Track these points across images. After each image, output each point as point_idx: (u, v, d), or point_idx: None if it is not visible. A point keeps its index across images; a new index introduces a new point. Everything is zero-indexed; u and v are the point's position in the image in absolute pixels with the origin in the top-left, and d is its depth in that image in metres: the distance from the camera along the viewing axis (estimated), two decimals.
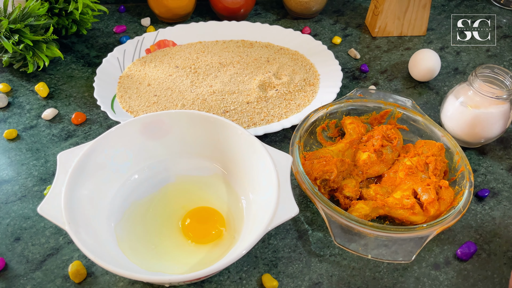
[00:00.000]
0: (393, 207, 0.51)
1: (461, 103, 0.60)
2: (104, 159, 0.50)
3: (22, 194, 0.55)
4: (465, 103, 0.60)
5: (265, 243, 0.51)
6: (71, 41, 0.79)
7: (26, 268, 0.48)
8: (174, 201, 0.52)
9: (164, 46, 0.76)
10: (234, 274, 0.48)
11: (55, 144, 0.61)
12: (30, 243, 0.50)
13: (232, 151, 0.53)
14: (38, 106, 0.66)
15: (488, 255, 0.51)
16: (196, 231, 0.49)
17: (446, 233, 0.53)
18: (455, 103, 0.61)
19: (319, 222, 0.54)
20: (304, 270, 0.49)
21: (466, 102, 0.60)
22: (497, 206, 0.56)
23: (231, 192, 0.54)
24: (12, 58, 0.68)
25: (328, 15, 0.89)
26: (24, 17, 0.66)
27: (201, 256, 0.47)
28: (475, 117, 0.59)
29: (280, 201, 0.45)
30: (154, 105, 0.65)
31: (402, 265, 0.50)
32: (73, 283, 0.47)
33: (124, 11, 0.86)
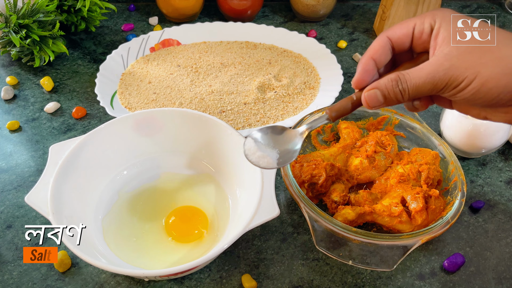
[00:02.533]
0: (381, 214, 0.51)
1: (460, 113, 0.59)
2: (95, 153, 0.51)
3: (18, 184, 0.56)
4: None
5: (249, 243, 0.51)
6: (80, 37, 0.81)
7: (15, 255, 0.49)
8: (162, 198, 0.53)
9: (168, 45, 0.77)
10: (215, 272, 0.49)
11: (54, 136, 0.63)
12: (20, 231, 0.52)
13: (221, 150, 0.54)
14: (42, 100, 0.68)
15: (477, 268, 0.50)
16: (178, 230, 0.49)
17: (435, 244, 0.52)
18: (454, 112, 0.60)
19: (305, 226, 0.53)
20: (285, 273, 0.49)
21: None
22: (492, 219, 0.55)
23: (219, 191, 0.54)
24: (20, 52, 0.70)
25: (336, 19, 0.89)
26: (33, 13, 0.68)
27: (182, 254, 0.48)
28: (474, 127, 0.58)
29: (262, 202, 0.45)
30: (152, 103, 0.66)
31: (386, 273, 0.49)
32: (57, 272, 0.48)
33: (134, 9, 0.88)
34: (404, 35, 0.36)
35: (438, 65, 0.32)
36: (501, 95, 0.31)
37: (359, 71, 0.37)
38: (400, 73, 0.34)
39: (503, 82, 0.30)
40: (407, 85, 0.34)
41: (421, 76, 0.33)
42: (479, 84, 0.31)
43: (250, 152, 0.43)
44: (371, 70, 0.37)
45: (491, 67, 0.31)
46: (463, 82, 0.32)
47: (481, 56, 0.31)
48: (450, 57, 0.32)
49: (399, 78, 0.34)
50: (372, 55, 0.37)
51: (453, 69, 0.32)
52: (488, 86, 0.31)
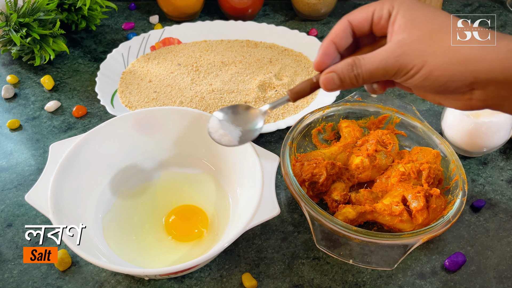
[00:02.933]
0: (381, 213, 0.51)
1: (461, 112, 0.59)
2: (95, 152, 0.51)
3: (18, 182, 0.56)
4: (466, 111, 0.58)
5: (249, 242, 0.51)
6: (81, 36, 0.81)
7: (15, 254, 0.49)
8: (163, 196, 0.53)
9: (169, 44, 0.77)
10: (215, 271, 0.48)
11: (55, 135, 0.63)
12: (21, 229, 0.52)
13: (222, 149, 0.53)
14: (43, 98, 0.68)
15: (478, 267, 0.50)
16: (178, 228, 0.49)
17: (436, 243, 0.52)
18: (455, 111, 0.59)
19: (305, 225, 0.53)
20: (286, 272, 0.49)
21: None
22: (493, 218, 0.55)
23: (219, 189, 0.54)
24: (20, 51, 0.70)
25: (337, 17, 0.89)
26: (34, 12, 0.68)
27: (182, 253, 0.48)
28: (476, 126, 0.58)
29: (262, 201, 0.45)
30: (153, 101, 0.66)
31: (387, 273, 0.49)
32: (57, 270, 0.48)
33: (135, 8, 0.88)
34: (364, 20, 0.37)
35: (390, 52, 0.33)
36: (448, 83, 0.32)
37: (319, 54, 0.38)
38: (356, 58, 0.35)
39: (449, 71, 0.31)
40: (362, 70, 0.35)
41: (374, 62, 0.34)
42: (427, 72, 0.32)
43: (213, 130, 0.44)
44: (331, 53, 0.38)
45: (439, 56, 0.32)
46: (412, 70, 0.33)
47: (431, 45, 0.32)
48: (402, 44, 0.33)
49: (354, 63, 0.35)
50: (333, 38, 0.37)
51: (404, 56, 0.33)
52: (435, 74, 0.32)
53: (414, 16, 0.33)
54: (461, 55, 0.32)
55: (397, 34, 0.34)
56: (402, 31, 0.33)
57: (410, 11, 0.34)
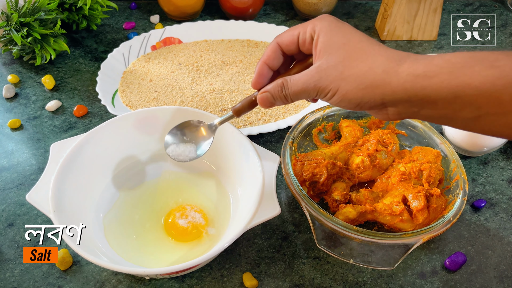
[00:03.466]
0: (382, 213, 0.51)
1: None
2: (96, 151, 0.51)
3: (19, 182, 0.57)
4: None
5: (250, 242, 0.51)
6: (81, 35, 0.81)
7: (16, 253, 0.49)
8: (163, 196, 0.53)
9: (169, 43, 0.77)
10: (216, 271, 0.49)
11: (56, 135, 0.63)
12: (22, 229, 0.52)
13: (222, 149, 0.54)
14: (43, 98, 0.68)
15: (478, 267, 0.50)
16: (177, 229, 0.49)
17: (436, 242, 0.52)
18: None
19: (306, 224, 0.53)
20: (286, 271, 0.49)
21: None
22: (493, 217, 0.55)
23: (220, 189, 0.54)
24: (21, 51, 0.70)
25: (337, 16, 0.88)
26: (34, 11, 0.68)
27: (183, 252, 0.48)
28: None
29: (263, 201, 0.45)
30: (153, 101, 0.66)
31: (387, 272, 0.49)
32: (58, 270, 0.48)
33: (135, 8, 0.88)
34: (291, 42, 0.40)
35: (310, 77, 0.37)
36: (361, 103, 0.36)
37: (255, 75, 0.42)
38: (284, 80, 0.39)
39: (360, 94, 0.36)
40: (289, 91, 0.39)
41: (298, 84, 0.38)
42: (341, 96, 0.37)
43: (170, 149, 0.49)
44: (265, 73, 0.42)
45: (350, 82, 0.36)
46: (329, 93, 0.37)
47: (343, 72, 0.36)
48: (319, 70, 0.37)
49: (283, 85, 0.39)
50: (265, 60, 0.42)
51: (321, 81, 0.37)
52: (348, 97, 0.36)
53: (332, 42, 0.37)
54: (369, 80, 0.35)
55: (317, 58, 0.38)
56: (321, 56, 0.37)
57: (328, 36, 0.37)
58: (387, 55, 0.35)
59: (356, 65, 0.35)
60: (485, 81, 0.31)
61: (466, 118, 0.34)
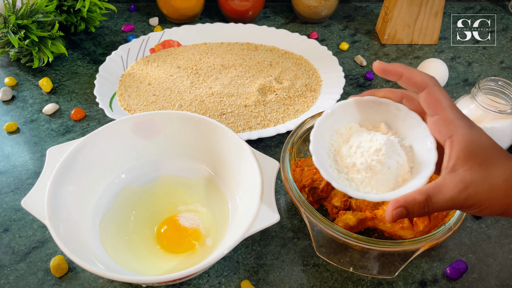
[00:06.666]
0: (382, 219, 0.50)
1: None
2: (93, 156, 0.50)
3: (15, 187, 0.56)
4: (467, 116, 0.58)
5: (249, 248, 0.50)
6: (80, 38, 0.80)
7: (11, 259, 0.49)
8: (161, 202, 0.53)
9: (168, 46, 0.77)
10: (214, 278, 0.48)
11: (53, 138, 0.62)
12: (17, 235, 0.51)
13: (221, 154, 0.53)
14: (41, 101, 0.67)
15: (479, 275, 0.49)
16: (169, 239, 0.48)
17: (437, 250, 0.51)
18: None
19: (305, 231, 0.53)
20: (285, 279, 0.48)
21: (468, 115, 0.57)
22: (495, 224, 0.54)
23: (218, 195, 0.53)
24: (19, 53, 0.70)
25: (337, 20, 0.88)
26: (32, 13, 0.67)
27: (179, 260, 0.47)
28: None
29: (262, 207, 0.44)
30: (152, 105, 0.65)
31: (387, 280, 0.48)
32: (54, 277, 0.47)
33: (134, 10, 0.87)
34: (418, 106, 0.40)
35: (457, 193, 0.35)
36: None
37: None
38: (428, 197, 0.36)
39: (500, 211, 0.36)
40: (433, 209, 0.36)
41: (446, 201, 0.35)
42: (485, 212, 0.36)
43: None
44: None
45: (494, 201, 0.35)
46: (472, 209, 0.36)
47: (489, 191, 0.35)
48: (466, 185, 0.35)
49: (426, 203, 0.36)
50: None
51: (469, 199, 0.35)
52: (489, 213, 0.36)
53: (472, 152, 0.35)
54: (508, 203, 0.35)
55: (457, 164, 0.35)
56: (461, 164, 0.35)
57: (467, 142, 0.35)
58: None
59: (498, 183, 0.35)
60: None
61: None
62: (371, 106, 0.41)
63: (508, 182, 0.35)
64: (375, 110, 0.41)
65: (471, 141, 0.35)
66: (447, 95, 0.37)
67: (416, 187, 0.37)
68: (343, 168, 0.40)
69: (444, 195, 0.35)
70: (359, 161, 0.39)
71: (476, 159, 0.35)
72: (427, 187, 0.36)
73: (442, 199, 0.35)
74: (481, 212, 0.36)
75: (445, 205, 0.35)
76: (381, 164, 0.38)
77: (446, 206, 0.35)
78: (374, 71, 0.39)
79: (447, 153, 0.36)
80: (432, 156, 0.38)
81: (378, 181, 0.38)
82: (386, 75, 0.39)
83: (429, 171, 0.37)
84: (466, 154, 0.35)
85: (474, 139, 0.35)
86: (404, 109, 0.40)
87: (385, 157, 0.38)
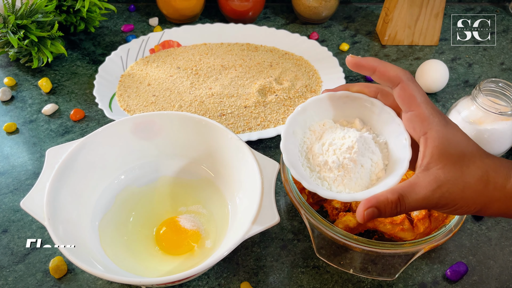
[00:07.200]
0: (382, 221, 0.50)
1: (463, 118, 0.58)
2: (92, 157, 0.50)
3: (14, 187, 0.56)
4: (468, 118, 0.58)
5: (248, 250, 0.50)
6: (79, 38, 0.80)
7: (10, 260, 0.49)
8: (160, 203, 0.52)
9: (168, 47, 0.77)
10: (213, 280, 0.48)
11: (52, 139, 0.62)
12: (16, 235, 0.51)
13: (221, 155, 0.53)
14: (40, 101, 0.67)
15: (480, 277, 0.49)
16: (168, 241, 0.48)
17: (438, 252, 0.51)
18: (458, 117, 0.59)
19: (305, 232, 0.52)
20: (285, 281, 0.48)
21: (468, 117, 0.58)
22: (495, 226, 0.54)
23: (218, 196, 0.53)
24: (18, 53, 0.69)
25: (338, 21, 0.88)
26: (32, 13, 0.67)
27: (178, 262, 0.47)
28: (478, 133, 0.57)
29: (262, 209, 0.44)
30: (151, 105, 0.65)
31: (387, 282, 0.48)
32: (53, 278, 0.47)
33: (134, 10, 0.87)
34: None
35: (431, 192, 0.34)
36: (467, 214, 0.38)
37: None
38: (400, 196, 0.34)
39: (473, 211, 0.35)
40: (406, 208, 0.35)
41: (418, 201, 0.34)
42: (458, 211, 0.35)
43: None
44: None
45: (468, 200, 0.34)
46: (445, 209, 0.35)
47: (464, 190, 0.34)
48: (440, 184, 0.34)
49: (399, 202, 0.34)
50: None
51: (443, 199, 0.34)
52: (463, 212, 0.35)
53: (447, 151, 0.34)
54: (485, 198, 0.34)
55: (430, 163, 0.34)
56: (435, 163, 0.34)
57: (441, 141, 0.34)
58: (495, 169, 0.34)
59: (473, 181, 0.34)
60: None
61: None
62: (345, 101, 0.40)
63: (483, 181, 0.34)
64: (349, 106, 0.40)
65: (445, 139, 0.34)
66: (422, 91, 0.36)
67: (389, 185, 0.36)
68: (315, 167, 0.38)
69: (417, 194, 0.34)
70: (331, 159, 0.37)
71: (451, 157, 0.34)
72: (400, 186, 0.35)
73: (415, 198, 0.34)
74: (455, 211, 0.35)
75: (418, 205, 0.34)
76: (353, 162, 0.37)
77: (419, 205, 0.34)
78: (347, 65, 0.38)
79: (421, 150, 0.35)
80: (406, 153, 0.36)
81: (351, 180, 0.37)
82: (359, 70, 0.37)
83: (402, 170, 0.36)
84: (441, 152, 0.34)
85: (449, 137, 0.34)
86: (378, 104, 0.39)
87: (357, 155, 0.37)
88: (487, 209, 0.35)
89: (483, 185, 0.34)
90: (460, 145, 0.35)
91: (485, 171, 0.34)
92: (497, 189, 0.34)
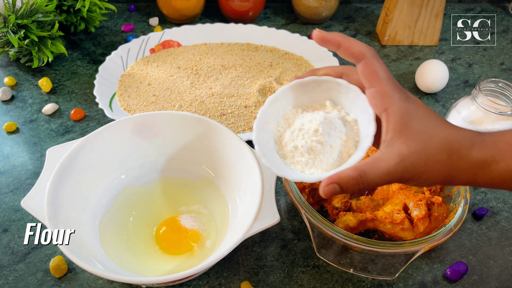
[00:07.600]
0: (382, 221, 0.50)
1: (463, 119, 0.58)
2: (93, 156, 0.50)
3: (14, 187, 0.56)
4: (468, 118, 0.58)
5: (249, 250, 0.50)
6: (79, 38, 0.80)
7: (10, 260, 0.49)
8: (160, 203, 0.52)
9: (168, 47, 0.77)
10: (214, 279, 0.48)
11: (52, 139, 0.62)
12: (17, 235, 0.51)
13: (222, 155, 0.53)
14: (40, 101, 0.67)
15: (480, 277, 0.49)
16: (168, 241, 0.48)
17: (438, 251, 0.51)
18: (458, 118, 0.59)
19: (306, 232, 0.52)
20: (285, 280, 0.48)
21: (468, 117, 0.58)
22: (495, 226, 0.54)
23: (219, 196, 0.53)
24: (18, 53, 0.69)
25: (338, 21, 0.88)
26: (32, 13, 0.67)
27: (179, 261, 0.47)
28: None
29: (262, 208, 0.44)
30: (152, 105, 0.65)
31: (388, 282, 0.48)
32: (53, 277, 0.47)
33: (134, 10, 0.87)
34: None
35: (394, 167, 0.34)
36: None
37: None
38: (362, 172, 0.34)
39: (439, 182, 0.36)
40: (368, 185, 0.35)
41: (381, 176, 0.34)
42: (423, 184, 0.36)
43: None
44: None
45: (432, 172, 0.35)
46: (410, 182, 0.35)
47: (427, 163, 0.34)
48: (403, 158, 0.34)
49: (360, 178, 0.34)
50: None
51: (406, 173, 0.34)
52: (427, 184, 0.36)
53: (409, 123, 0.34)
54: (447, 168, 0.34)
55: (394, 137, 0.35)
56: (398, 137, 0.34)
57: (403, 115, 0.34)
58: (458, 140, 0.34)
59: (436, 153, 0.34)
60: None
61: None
62: (313, 86, 0.40)
63: (446, 151, 0.34)
64: (318, 89, 0.40)
65: (407, 113, 0.34)
66: (385, 67, 0.36)
67: (355, 161, 0.36)
68: (288, 153, 0.39)
69: (380, 170, 0.34)
70: (300, 144, 0.38)
71: (413, 131, 0.34)
72: (363, 163, 0.35)
73: (377, 173, 0.34)
74: (422, 184, 0.35)
75: (381, 180, 0.34)
76: (321, 144, 0.37)
77: (382, 180, 0.34)
78: (314, 39, 0.37)
79: (384, 126, 0.35)
80: (371, 128, 0.37)
81: (321, 161, 0.37)
82: (325, 44, 0.37)
83: (367, 144, 0.36)
84: (402, 126, 0.34)
85: (410, 111, 0.34)
86: (344, 83, 0.39)
87: (323, 136, 0.37)
88: (454, 179, 0.35)
89: (446, 156, 0.34)
90: (422, 119, 0.35)
91: (448, 142, 0.34)
92: (462, 159, 0.34)
